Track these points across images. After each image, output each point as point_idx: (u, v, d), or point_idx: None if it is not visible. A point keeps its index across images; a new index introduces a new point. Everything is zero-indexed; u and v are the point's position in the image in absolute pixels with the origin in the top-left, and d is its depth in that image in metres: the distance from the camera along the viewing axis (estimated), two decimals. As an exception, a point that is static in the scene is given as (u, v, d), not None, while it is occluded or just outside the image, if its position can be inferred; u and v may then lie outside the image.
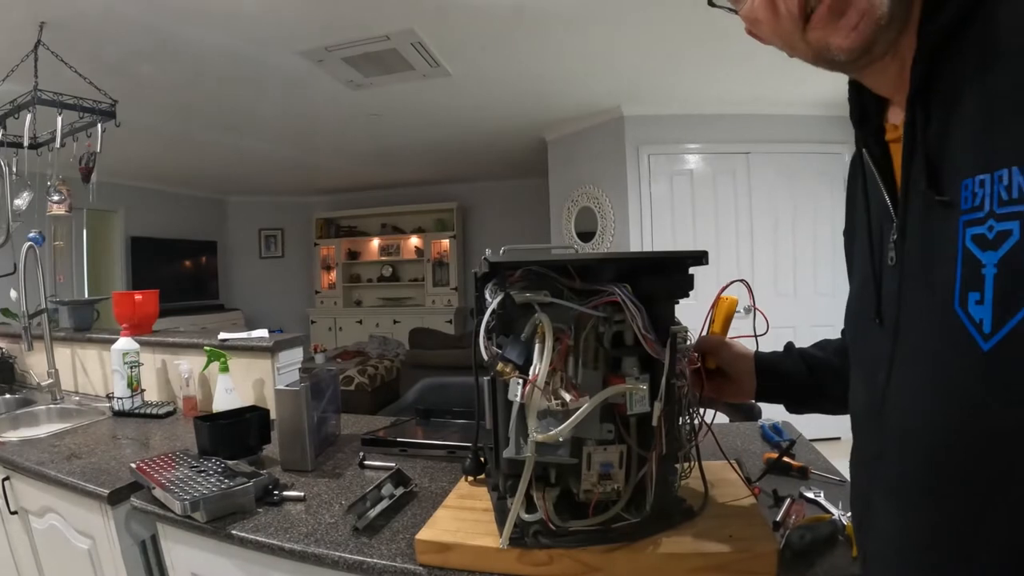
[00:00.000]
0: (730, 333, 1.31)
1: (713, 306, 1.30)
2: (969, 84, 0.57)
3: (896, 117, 0.73)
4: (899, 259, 0.68)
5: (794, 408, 1.28)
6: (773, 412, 1.70)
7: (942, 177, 0.60)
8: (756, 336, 1.24)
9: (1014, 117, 0.52)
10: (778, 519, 1.31)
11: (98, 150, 3.28)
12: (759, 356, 1.27)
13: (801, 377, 1.22)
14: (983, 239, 0.55)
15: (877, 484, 0.75)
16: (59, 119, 3.11)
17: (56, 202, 3.27)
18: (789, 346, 1.28)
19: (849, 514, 1.26)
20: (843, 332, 1.08)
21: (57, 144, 3.16)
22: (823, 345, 1.25)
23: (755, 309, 1.19)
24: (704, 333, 1.31)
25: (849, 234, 0.91)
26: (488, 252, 1.12)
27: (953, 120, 0.59)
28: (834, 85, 4.99)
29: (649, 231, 5.65)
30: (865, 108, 0.79)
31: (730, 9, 0.77)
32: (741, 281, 1.20)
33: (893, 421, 0.69)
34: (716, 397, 1.27)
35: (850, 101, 0.81)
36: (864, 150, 0.78)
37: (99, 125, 3.24)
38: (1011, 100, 0.53)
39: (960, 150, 0.58)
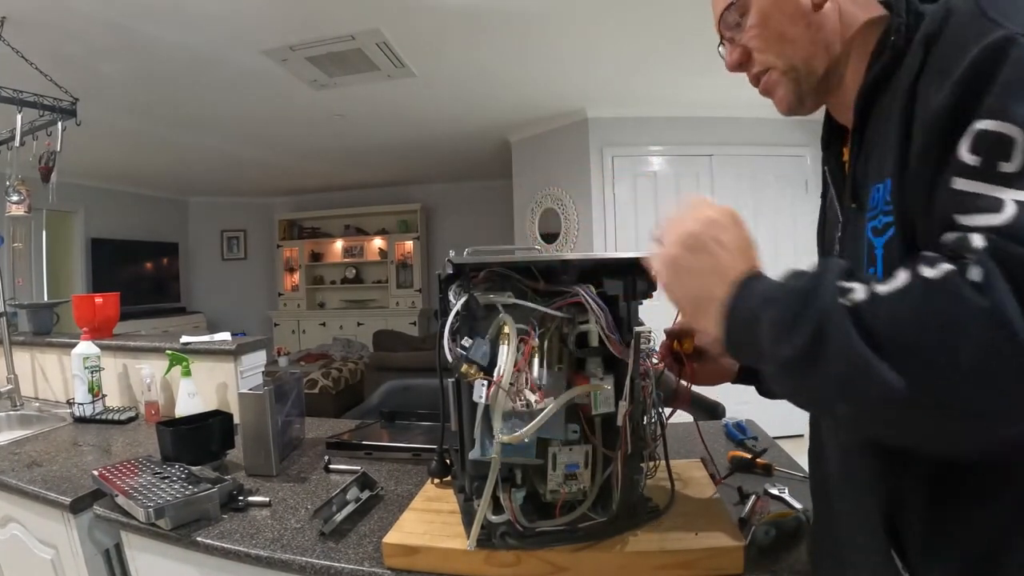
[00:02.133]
0: None
1: None
2: (878, 125, 0.80)
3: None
4: (840, 250, 0.90)
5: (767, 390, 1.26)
6: (737, 411, 1.72)
7: (860, 191, 0.83)
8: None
9: (892, 150, 0.73)
10: (744, 515, 1.32)
11: (58, 149, 3.21)
12: None
13: None
14: (875, 229, 0.76)
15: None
16: (19, 117, 3.05)
17: (15, 202, 3.20)
18: None
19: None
20: None
21: (16, 143, 3.09)
22: None
23: None
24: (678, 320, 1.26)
25: (820, 231, 1.05)
26: (452, 253, 1.12)
27: (873, 148, 0.81)
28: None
29: (613, 232, 5.69)
30: (831, 134, 0.97)
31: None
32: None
33: None
34: (693, 382, 1.23)
35: (823, 128, 1.00)
36: (826, 168, 0.97)
37: (59, 123, 3.18)
38: (892, 138, 0.73)
39: (872, 167, 0.80)
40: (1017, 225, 0.56)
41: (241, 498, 1.55)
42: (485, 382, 1.03)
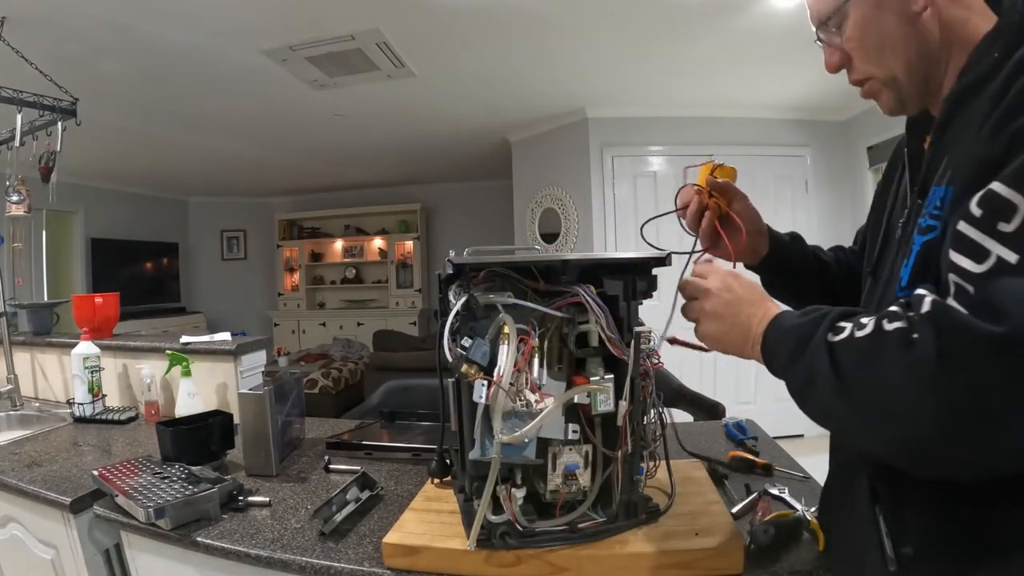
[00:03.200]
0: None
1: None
2: (958, 131, 0.80)
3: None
4: (901, 235, 0.93)
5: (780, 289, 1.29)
6: (737, 411, 1.72)
7: (927, 187, 0.84)
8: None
9: (961, 161, 0.76)
10: (735, 510, 1.32)
11: (58, 149, 3.21)
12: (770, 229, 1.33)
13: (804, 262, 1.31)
14: (920, 227, 0.82)
15: None
16: (18, 117, 3.04)
17: (15, 202, 3.19)
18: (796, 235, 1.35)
19: (813, 509, 1.29)
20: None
21: (16, 143, 3.09)
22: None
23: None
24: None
25: (880, 198, 1.10)
26: (452, 253, 1.12)
27: (947, 151, 0.82)
28: (796, 90, 5.08)
29: (613, 232, 5.69)
30: (920, 117, 0.97)
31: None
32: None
33: None
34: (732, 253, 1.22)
35: (907, 125, 1.01)
36: (907, 149, 0.98)
37: (59, 123, 3.17)
38: (963, 150, 0.76)
39: (941, 169, 0.81)
40: (992, 275, 0.65)
41: (241, 498, 1.55)
42: (485, 382, 1.03)
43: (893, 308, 0.72)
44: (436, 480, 1.50)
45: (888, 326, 0.70)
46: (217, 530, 1.42)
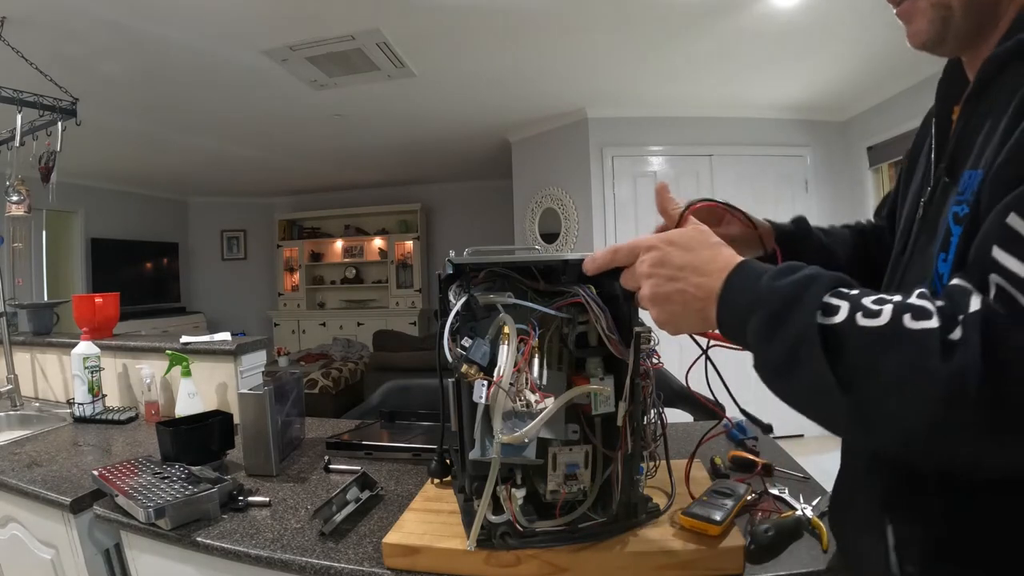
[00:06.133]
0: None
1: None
2: (997, 101, 0.70)
3: None
4: (923, 215, 0.83)
5: None
6: (737, 411, 1.72)
7: (956, 166, 0.75)
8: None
9: (996, 140, 0.66)
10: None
11: (58, 149, 3.21)
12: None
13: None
14: (956, 216, 0.70)
15: None
16: (18, 117, 3.05)
17: (15, 202, 3.20)
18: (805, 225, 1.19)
19: (814, 504, 1.29)
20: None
21: (16, 143, 3.09)
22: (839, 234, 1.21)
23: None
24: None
25: (908, 173, 0.99)
26: (452, 253, 1.12)
27: (982, 125, 0.72)
28: (796, 90, 5.08)
29: (613, 232, 5.69)
30: (953, 85, 0.85)
31: None
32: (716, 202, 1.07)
33: None
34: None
35: (944, 73, 0.89)
36: (935, 120, 0.87)
37: (59, 123, 3.17)
38: (1002, 126, 0.65)
39: (974, 148, 0.71)
40: None
41: (241, 498, 1.55)
42: (485, 382, 1.03)
43: (916, 301, 0.60)
44: (436, 480, 1.50)
45: (914, 324, 0.58)
46: (217, 530, 1.42)
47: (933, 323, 0.57)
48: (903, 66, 4.26)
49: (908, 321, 0.58)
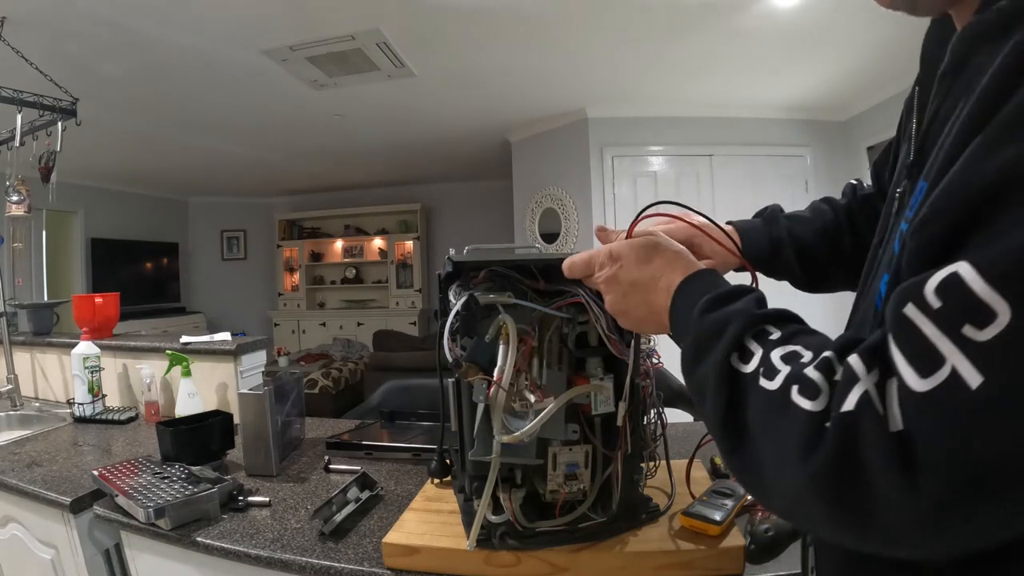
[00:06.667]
0: None
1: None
2: (970, 88, 0.55)
3: None
4: (899, 207, 0.71)
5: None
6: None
7: (924, 158, 0.64)
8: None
9: (941, 152, 0.54)
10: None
11: (58, 149, 3.22)
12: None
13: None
14: (902, 233, 0.61)
15: None
16: (18, 117, 3.05)
17: (15, 202, 3.20)
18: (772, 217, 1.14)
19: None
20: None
21: (16, 143, 3.09)
22: (814, 220, 1.13)
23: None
24: None
25: (896, 145, 0.87)
26: (452, 252, 1.12)
27: (955, 106, 0.58)
28: (796, 90, 5.08)
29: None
30: (939, 46, 0.69)
31: None
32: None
33: None
34: None
35: (929, 32, 0.76)
36: (917, 89, 0.75)
37: (59, 123, 3.18)
38: (960, 132, 0.52)
39: (939, 141, 0.58)
40: (936, 399, 0.44)
41: (241, 498, 1.55)
42: (485, 382, 1.03)
43: (812, 372, 0.53)
44: (436, 480, 1.50)
45: (798, 399, 0.53)
46: (217, 530, 1.42)
47: (814, 405, 0.52)
48: (903, 66, 4.25)
49: (794, 394, 0.54)
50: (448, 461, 1.49)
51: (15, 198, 3.20)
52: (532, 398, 1.02)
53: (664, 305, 0.75)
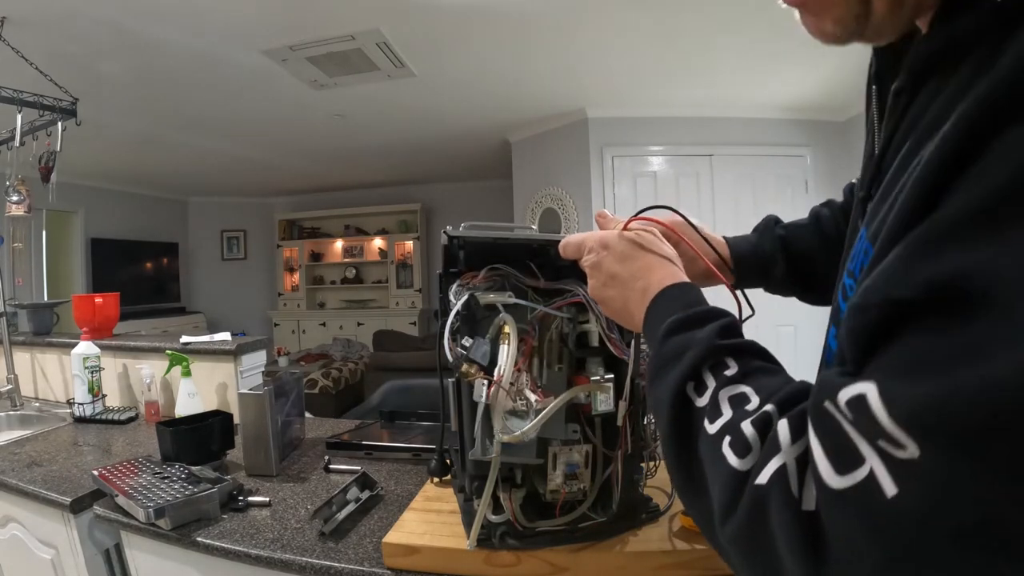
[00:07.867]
0: None
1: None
2: (918, 126, 0.53)
3: None
4: (850, 235, 0.70)
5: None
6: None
7: (875, 187, 0.61)
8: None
9: (890, 215, 0.47)
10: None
11: (58, 149, 3.22)
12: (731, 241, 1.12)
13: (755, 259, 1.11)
14: (844, 289, 0.63)
15: None
16: (19, 117, 3.05)
17: (15, 202, 3.20)
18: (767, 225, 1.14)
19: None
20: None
21: (16, 143, 3.09)
22: (809, 227, 1.15)
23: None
24: None
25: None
26: (449, 228, 1.12)
27: (904, 150, 0.55)
28: (796, 90, 5.08)
29: (613, 232, 5.68)
30: (891, 58, 0.64)
31: None
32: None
33: None
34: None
35: (875, 54, 0.68)
36: (874, 87, 0.68)
37: (59, 123, 3.18)
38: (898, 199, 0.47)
39: (888, 199, 0.53)
40: (851, 498, 0.42)
41: (241, 498, 1.55)
42: (485, 382, 1.03)
43: (747, 427, 0.53)
44: (436, 480, 1.50)
45: (727, 452, 0.53)
46: (217, 530, 1.42)
47: (741, 464, 0.51)
48: (903, 66, 4.25)
49: (725, 447, 0.53)
50: (448, 461, 1.49)
51: (15, 198, 3.20)
52: (533, 398, 1.02)
53: (637, 306, 0.76)
